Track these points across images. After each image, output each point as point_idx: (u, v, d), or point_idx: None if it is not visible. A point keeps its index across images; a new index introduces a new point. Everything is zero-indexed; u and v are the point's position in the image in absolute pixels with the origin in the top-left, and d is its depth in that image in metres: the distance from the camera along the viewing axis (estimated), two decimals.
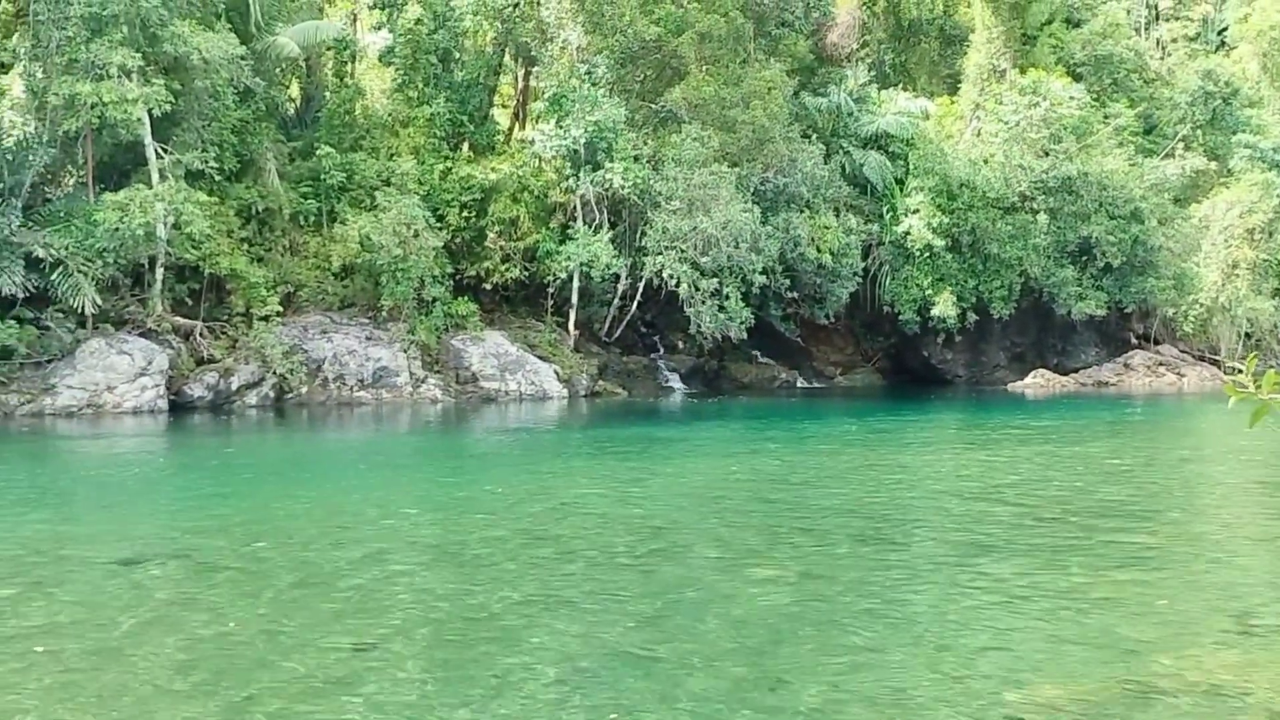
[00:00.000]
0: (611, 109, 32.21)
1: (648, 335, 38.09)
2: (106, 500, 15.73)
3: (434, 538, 12.25)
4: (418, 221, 30.23)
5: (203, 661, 7.70)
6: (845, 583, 10.08)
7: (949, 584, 10.15)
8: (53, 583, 10.08)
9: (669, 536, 12.45)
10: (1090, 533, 12.48)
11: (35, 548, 11.68)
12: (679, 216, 32.23)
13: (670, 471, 18.42)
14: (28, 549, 11.62)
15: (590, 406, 31.04)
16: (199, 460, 20.55)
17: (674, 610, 9.13)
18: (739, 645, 8.14)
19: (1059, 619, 8.87)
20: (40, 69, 27.84)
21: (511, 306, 35.36)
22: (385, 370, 30.04)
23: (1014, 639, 8.36)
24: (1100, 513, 13.95)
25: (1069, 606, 9.24)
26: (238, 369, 28.47)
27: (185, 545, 11.84)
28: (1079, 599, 9.47)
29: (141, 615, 8.91)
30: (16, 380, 26.06)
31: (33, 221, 27.00)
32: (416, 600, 9.44)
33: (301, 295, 31.10)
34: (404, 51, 33.73)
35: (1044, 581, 10.08)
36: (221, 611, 9.04)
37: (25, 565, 10.82)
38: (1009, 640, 8.32)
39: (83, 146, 28.32)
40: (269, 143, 31.54)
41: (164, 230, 27.10)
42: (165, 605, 9.33)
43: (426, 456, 21.46)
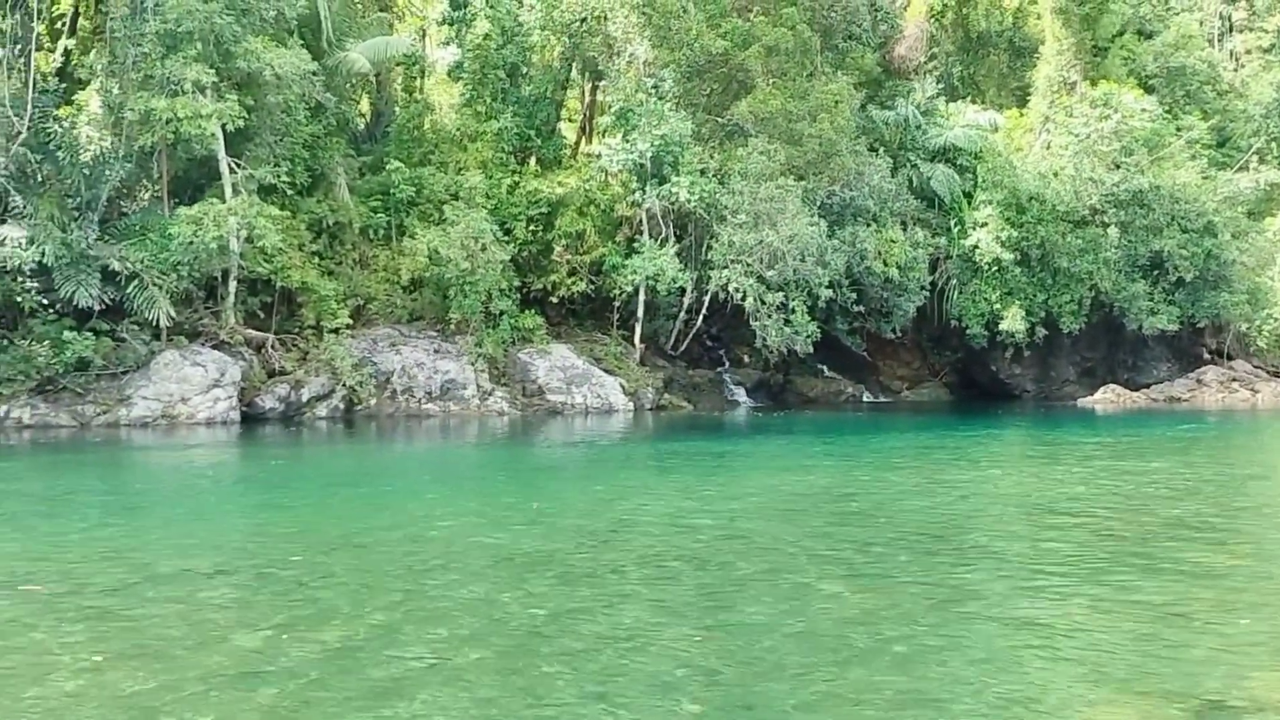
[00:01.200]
0: (678, 123, 32.17)
1: (713, 349, 37.92)
2: (179, 510, 15.85)
3: (502, 549, 12.15)
4: (485, 235, 30.36)
5: (271, 673, 7.64)
6: (913, 599, 9.82)
7: (1019, 601, 9.88)
8: (125, 592, 10.12)
9: (734, 550, 12.26)
10: (1164, 550, 12.12)
11: (111, 556, 11.76)
12: (745, 230, 32.06)
13: (736, 485, 18.22)
14: (105, 557, 11.70)
15: (655, 420, 30.92)
16: (270, 471, 20.70)
17: (735, 624, 8.95)
18: (802, 661, 7.96)
19: (1135, 636, 8.58)
20: (117, 85, 28.37)
21: (578, 320, 35.40)
22: (453, 383, 30.16)
23: (1087, 657, 8.10)
24: (1174, 529, 13.54)
25: (1146, 624, 8.93)
26: (308, 381, 28.73)
27: (256, 555, 11.86)
28: (1155, 617, 9.16)
29: (207, 626, 8.89)
30: (93, 391, 26.48)
31: (109, 235, 27.47)
32: (484, 611, 9.35)
33: (371, 308, 31.37)
34: (472, 67, 33.97)
35: (1118, 599, 9.78)
36: (292, 622, 8.99)
37: (103, 573, 10.88)
38: (1083, 658, 8.07)
39: (158, 161, 28.81)
40: (340, 157, 31.88)
41: (237, 244, 27.44)
42: (233, 615, 9.29)
43: (494, 469, 21.44)
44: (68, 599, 9.84)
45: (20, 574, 10.79)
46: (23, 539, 12.80)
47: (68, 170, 27.12)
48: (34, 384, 26.00)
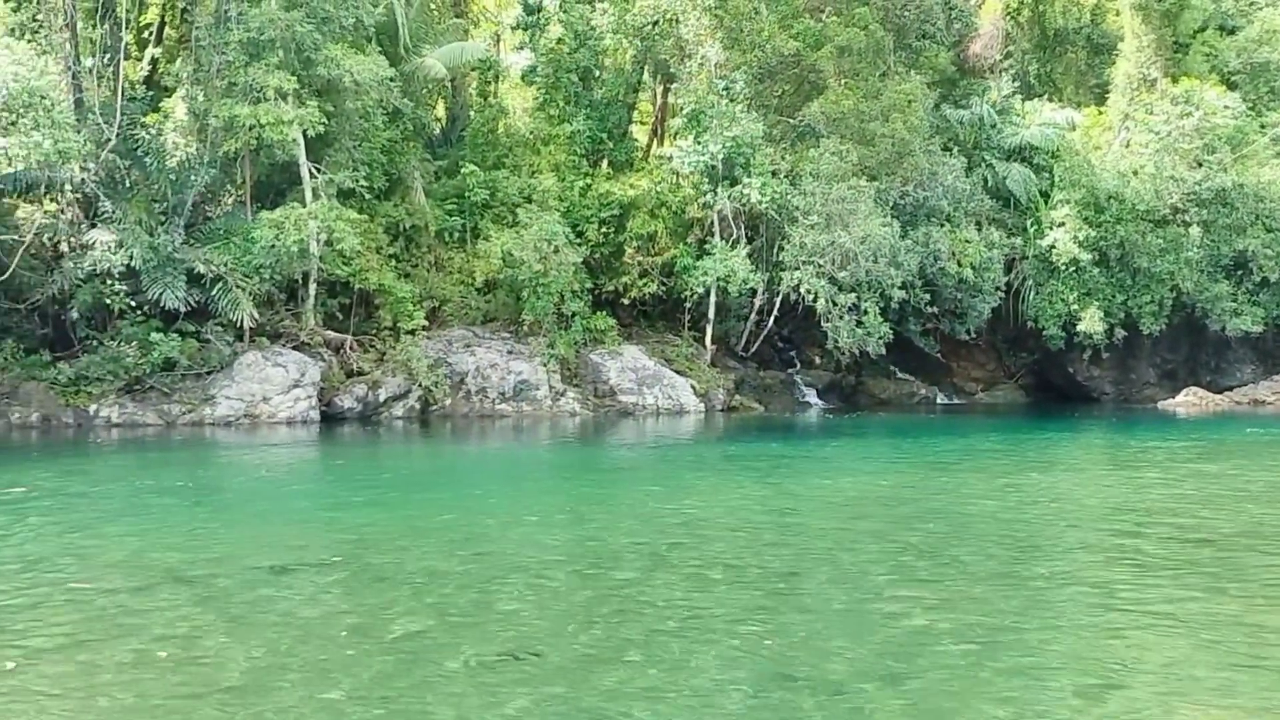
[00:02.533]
0: (749, 124, 32.17)
1: (784, 350, 37.83)
2: (262, 507, 16.29)
3: (573, 549, 12.32)
4: (558, 238, 30.65)
5: (352, 668, 7.81)
6: (989, 605, 9.73)
7: (1099, 609, 9.76)
8: (207, 587, 10.44)
9: (805, 553, 12.29)
10: (1247, 557, 11.91)
11: (194, 552, 12.13)
12: (817, 231, 31.96)
13: (808, 487, 18.20)
14: (186, 553, 12.07)
15: (726, 421, 30.96)
16: (350, 469, 21.16)
17: (808, 629, 8.97)
18: (877, 669, 7.91)
19: (1216, 647, 8.46)
20: (202, 92, 29.13)
21: (649, 321, 35.55)
22: (526, 383, 30.49)
23: (1171, 667, 7.99)
24: (1257, 536, 13.29)
25: (1227, 633, 8.80)
26: (385, 381, 29.25)
27: (336, 552, 12.12)
28: (1238, 625, 9.02)
29: (288, 622, 9.11)
30: (179, 391, 27.23)
31: (194, 239, 28.22)
32: (554, 610, 9.49)
33: (446, 310, 31.83)
34: (545, 71, 34.29)
35: (1199, 607, 9.64)
36: (369, 619, 9.21)
37: (183, 569, 11.23)
38: (1165, 668, 7.97)
39: (241, 166, 29.52)
40: (416, 161, 32.38)
41: (317, 247, 28.01)
42: (312, 612, 9.52)
43: (566, 469, 21.67)
44: (160, 590, 10.19)
45: (123, 564, 11.20)
46: (133, 531, 13.26)
47: (155, 176, 27.96)
48: (122, 384, 26.83)
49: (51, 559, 11.60)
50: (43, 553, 11.91)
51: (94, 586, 10.24)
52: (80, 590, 10.15)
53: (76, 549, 12.12)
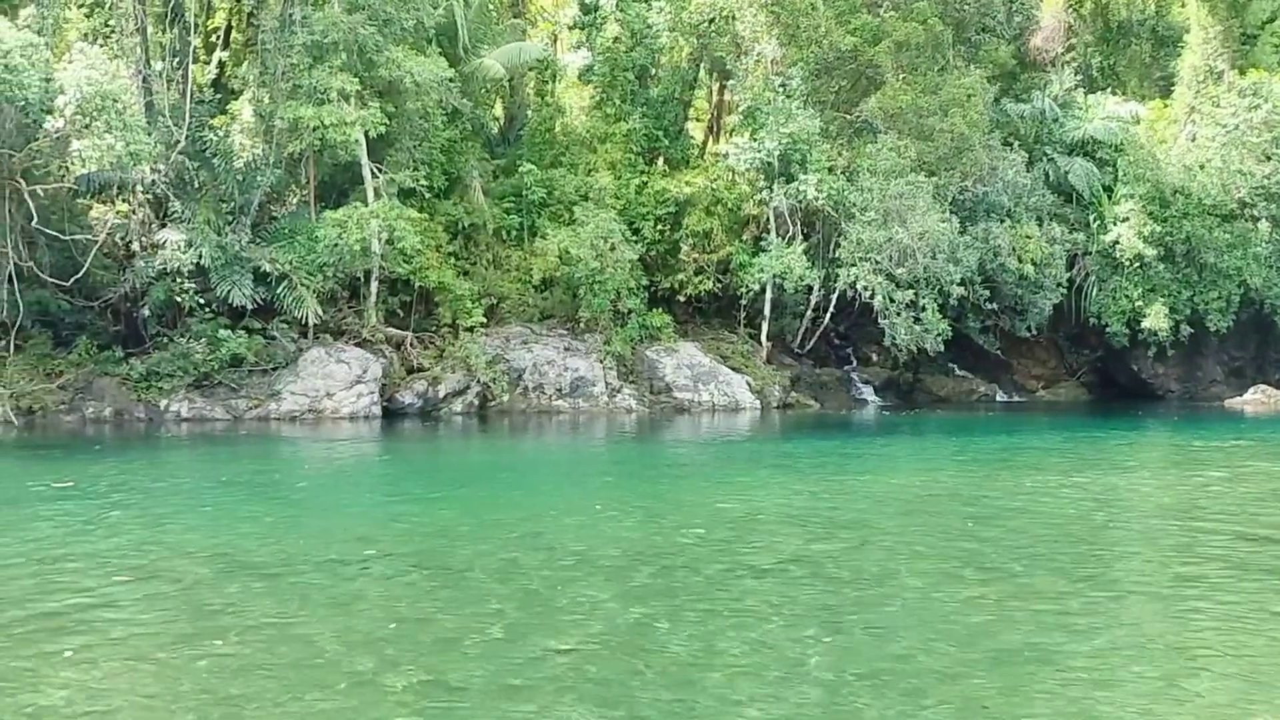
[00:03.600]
0: (806, 120, 32.16)
1: (841, 347, 37.69)
2: (331, 500, 16.70)
3: (632, 544, 12.44)
4: (614, 235, 30.87)
5: (412, 658, 8.01)
6: (1052, 605, 9.67)
7: (1164, 608, 9.71)
8: (274, 578, 10.76)
9: (863, 551, 12.33)
10: None
11: (263, 544, 12.50)
12: (874, 227, 31.85)
13: (865, 485, 18.22)
14: (257, 545, 12.44)
15: (782, 418, 30.98)
16: (410, 464, 21.57)
17: (868, 626, 9.01)
18: (938, 667, 7.93)
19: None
20: (267, 95, 29.75)
21: (704, 318, 35.64)
22: (582, 380, 30.77)
23: (1237, 667, 7.92)
24: None
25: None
26: (445, 377, 29.69)
27: (406, 545, 12.41)
28: None
29: (348, 613, 9.35)
30: (245, 386, 27.88)
31: (260, 238, 28.86)
32: (613, 605, 9.60)
33: (504, 307, 32.21)
34: (602, 69, 34.54)
35: (1265, 607, 9.55)
36: (432, 610, 9.42)
37: (254, 560, 11.59)
38: (1237, 665, 7.91)
39: (305, 167, 30.11)
40: (475, 161, 32.77)
41: (378, 245, 28.49)
42: (370, 603, 9.76)
43: (626, 465, 21.88)
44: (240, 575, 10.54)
45: (200, 555, 11.59)
46: (207, 523, 13.70)
47: (223, 177, 28.63)
48: (192, 379, 27.53)
49: (132, 550, 12.00)
50: (121, 544, 12.34)
51: (175, 578, 10.62)
52: (159, 581, 10.54)
53: (155, 541, 12.52)
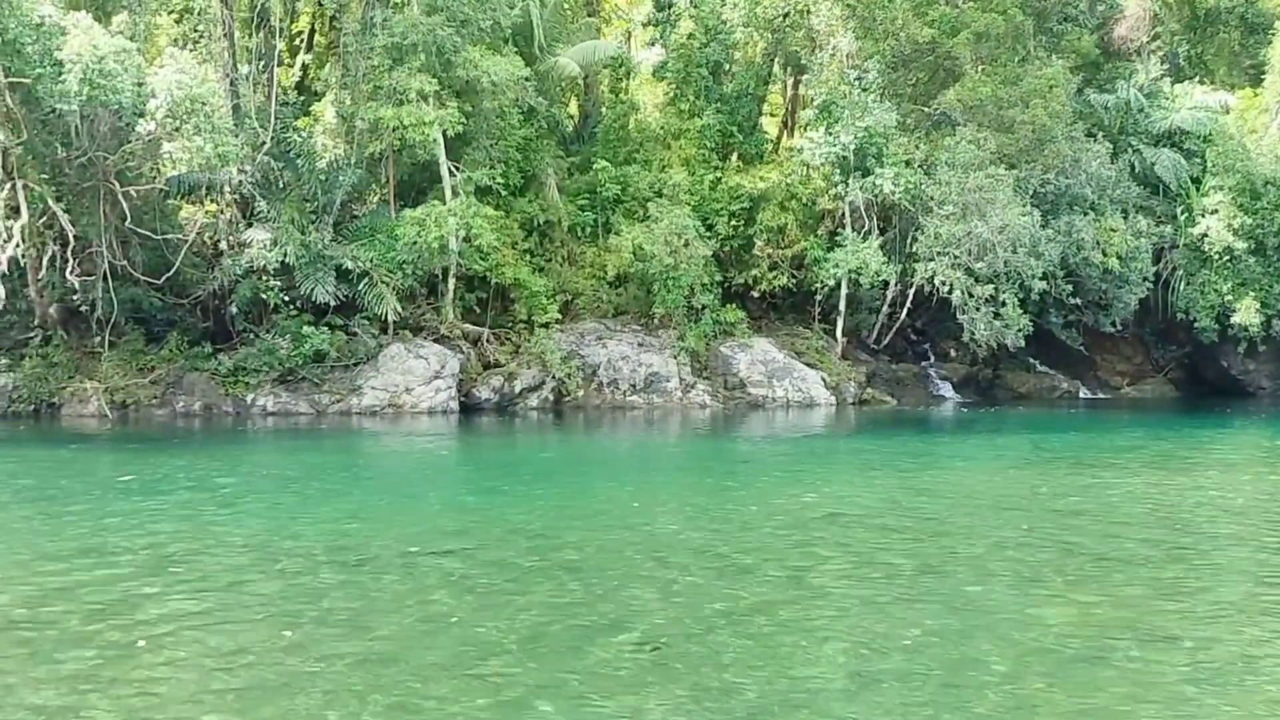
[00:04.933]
0: (882, 114, 31.91)
1: (918, 343, 37.31)
2: (407, 491, 17.09)
3: (705, 541, 12.54)
4: (688, 231, 30.97)
5: (492, 653, 8.16)
6: (1139, 613, 9.45)
7: (1261, 619, 9.38)
8: (360, 567, 11.09)
9: (942, 551, 12.24)
10: None
11: (347, 534, 12.88)
12: (952, 221, 31.48)
13: (945, 482, 18.06)
14: (343, 534, 12.82)
15: (858, 414, 30.80)
16: (487, 458, 21.96)
17: (947, 628, 8.92)
18: (1018, 672, 7.84)
19: None
20: (349, 96, 30.44)
21: (779, 314, 35.56)
22: (656, 376, 30.95)
23: None
24: None
25: None
26: (520, 373, 30.09)
27: (486, 536, 12.65)
28: None
29: (421, 607, 9.54)
30: (328, 381, 28.58)
31: (342, 237, 29.54)
32: (689, 601, 9.69)
33: (578, 303, 32.53)
34: (676, 66, 34.63)
35: None
36: (508, 605, 9.63)
37: (341, 550, 11.95)
38: None
39: (385, 166, 30.74)
40: (550, 159, 33.11)
41: (456, 243, 28.95)
42: (447, 597, 9.94)
43: (698, 461, 21.99)
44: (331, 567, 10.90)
45: (292, 544, 12.00)
46: (298, 512, 14.16)
47: (306, 177, 29.36)
48: (277, 374, 28.33)
49: (247, 537, 12.44)
50: (231, 534, 12.79)
51: (275, 565, 11.02)
52: (258, 569, 10.94)
53: (262, 530, 12.96)
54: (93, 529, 12.86)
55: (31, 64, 23.41)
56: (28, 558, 11.23)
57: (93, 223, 26.73)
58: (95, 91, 23.19)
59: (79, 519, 13.56)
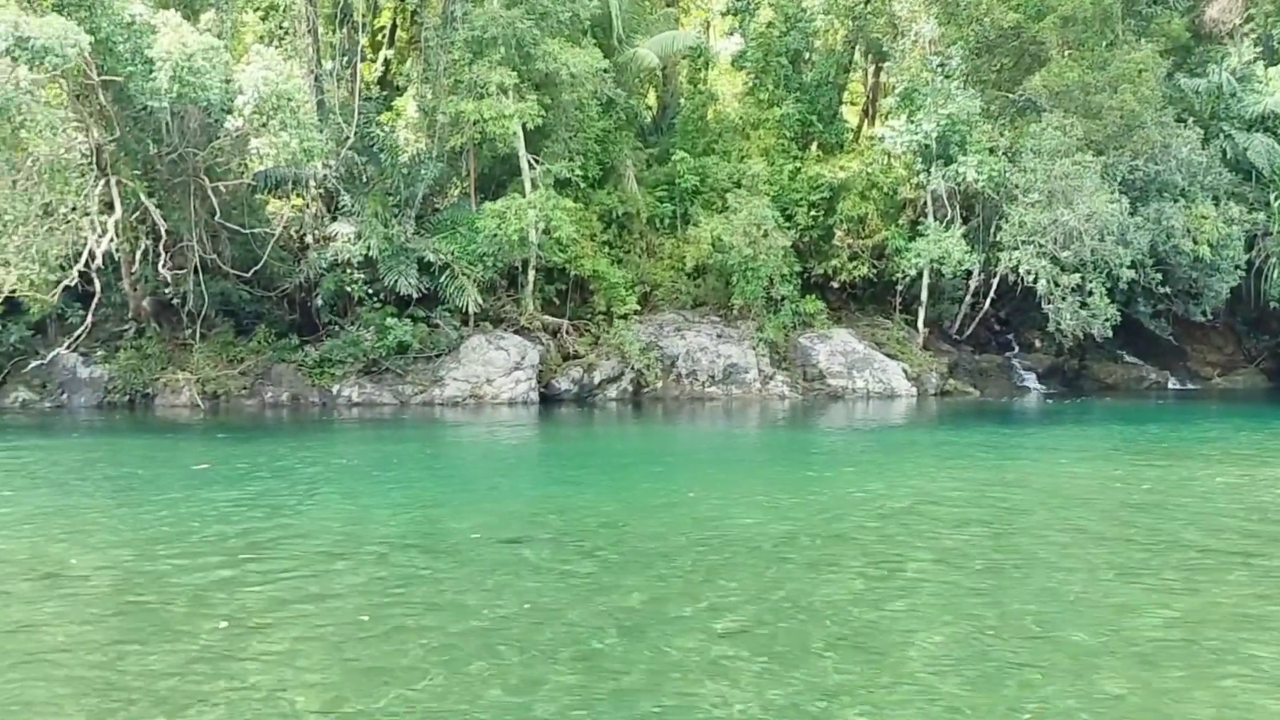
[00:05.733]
0: (965, 101, 31.42)
1: (1001, 333, 36.73)
2: (490, 480, 17.28)
3: (784, 532, 12.48)
4: (767, 222, 30.84)
5: (579, 636, 8.26)
6: (1229, 611, 9.23)
7: None
8: (445, 554, 11.23)
9: (1024, 544, 12.07)
10: None
11: (434, 521, 13.06)
12: (1038, 209, 30.92)
13: (1029, 474, 17.78)
14: (429, 522, 13.01)
15: (940, 405, 30.44)
16: (568, 448, 22.09)
17: (1040, 618, 8.82)
18: (1113, 662, 7.78)
19: None
20: (430, 91, 30.79)
21: (859, 304, 35.28)
22: (735, 367, 30.90)
23: None
24: None
25: None
26: (599, 364, 30.26)
27: (569, 525, 12.76)
28: None
29: (517, 594, 9.60)
30: (411, 372, 29.01)
31: (424, 229, 29.92)
32: (778, 590, 9.69)
33: (657, 295, 32.59)
34: (755, 55, 34.46)
35: None
36: (602, 593, 9.70)
37: (429, 537, 12.13)
38: None
39: (466, 160, 31.06)
40: (628, 150, 33.18)
41: (535, 235, 29.17)
42: (537, 583, 10.04)
43: (778, 452, 21.92)
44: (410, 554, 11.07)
45: (378, 531, 12.22)
46: (382, 501, 14.41)
47: (389, 171, 29.76)
48: (361, 365, 28.83)
49: (330, 526, 12.71)
50: (301, 521, 13.08)
51: (365, 551, 11.24)
52: (351, 555, 11.17)
53: (338, 516, 13.24)
54: (186, 514, 13.20)
55: (123, 62, 23.96)
56: (127, 541, 11.56)
57: (183, 217, 27.37)
58: (184, 89, 23.59)
59: (172, 505, 13.93)
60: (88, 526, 12.53)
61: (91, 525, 12.63)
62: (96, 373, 28.65)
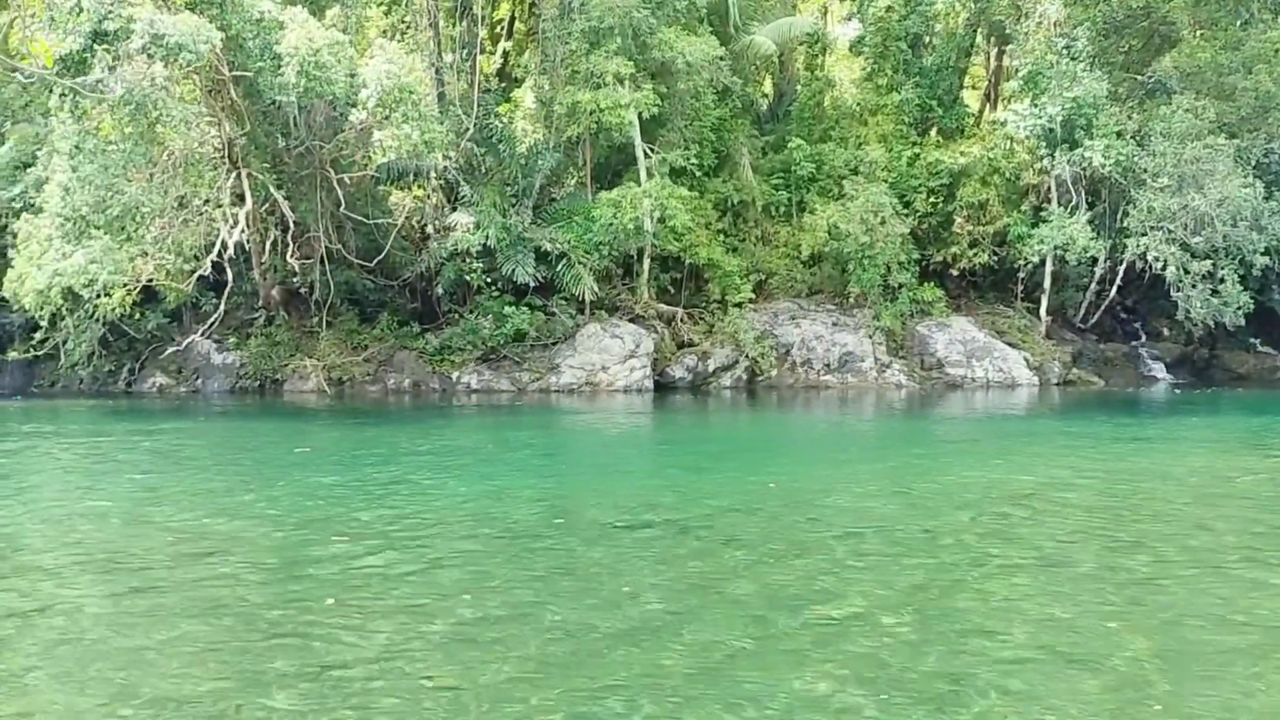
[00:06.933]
0: (1092, 83, 30.56)
1: (1128, 321, 35.68)
2: (608, 465, 17.48)
3: (901, 519, 12.32)
4: (885, 209, 30.50)
5: (692, 619, 8.27)
6: None
7: None
8: (560, 541, 11.40)
9: (1157, 537, 11.72)
10: None
11: (556, 504, 13.28)
12: (1167, 194, 29.97)
13: (1155, 467, 17.22)
14: (551, 505, 13.23)
15: (1063, 395, 29.72)
16: (684, 435, 22.19)
17: (1155, 613, 8.56)
18: (1247, 664, 7.53)
19: None
20: (547, 81, 31.18)
21: (979, 292, 34.63)
22: (851, 355, 30.64)
23: None
24: None
25: None
26: (714, 352, 30.32)
27: (683, 512, 12.80)
28: None
29: (635, 576, 9.64)
30: (528, 360, 29.49)
31: (541, 219, 30.34)
32: (884, 576, 9.58)
33: (772, 283, 32.49)
34: (874, 40, 34.05)
35: None
36: (717, 575, 9.74)
37: (553, 520, 12.34)
38: None
39: (582, 149, 31.38)
40: (744, 138, 33.13)
41: (650, 224, 29.33)
42: (656, 567, 10.08)
43: (895, 440, 21.64)
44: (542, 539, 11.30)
45: (492, 515, 12.50)
46: (503, 485, 14.74)
47: (507, 161, 30.25)
48: (480, 353, 29.42)
49: (469, 506, 13.05)
50: (416, 507, 13.43)
51: (498, 532, 11.52)
52: (458, 541, 11.46)
53: (464, 498, 13.57)
54: (313, 495, 13.66)
55: (253, 58, 24.78)
56: (280, 520, 12.02)
57: (310, 209, 28.21)
58: (311, 83, 24.18)
59: (299, 486, 14.42)
60: (246, 505, 13.00)
61: (248, 503, 13.12)
62: (229, 359, 29.79)
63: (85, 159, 24.44)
